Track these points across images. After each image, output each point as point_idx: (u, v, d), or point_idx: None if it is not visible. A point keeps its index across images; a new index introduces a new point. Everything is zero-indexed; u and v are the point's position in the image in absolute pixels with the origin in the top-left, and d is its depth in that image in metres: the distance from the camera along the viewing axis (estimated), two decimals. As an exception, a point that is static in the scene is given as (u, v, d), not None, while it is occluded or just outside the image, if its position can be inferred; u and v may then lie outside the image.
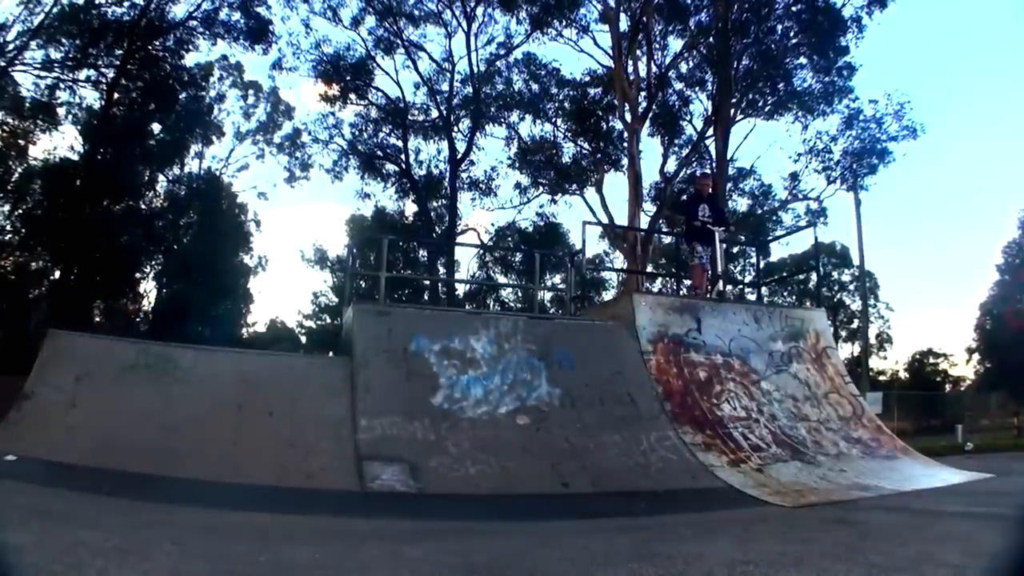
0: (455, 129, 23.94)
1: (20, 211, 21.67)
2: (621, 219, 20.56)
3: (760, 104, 21.21)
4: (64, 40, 19.14)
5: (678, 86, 22.19)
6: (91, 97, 20.94)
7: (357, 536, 3.79)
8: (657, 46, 21.12)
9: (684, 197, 9.54)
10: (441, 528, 4.24)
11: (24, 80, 19.32)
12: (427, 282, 25.13)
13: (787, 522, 4.30)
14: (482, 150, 26.01)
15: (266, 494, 4.79)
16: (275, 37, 21.79)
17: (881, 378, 36.16)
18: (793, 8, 19.83)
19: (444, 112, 23.61)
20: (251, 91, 26.99)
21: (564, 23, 22.05)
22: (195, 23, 20.57)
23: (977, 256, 65.78)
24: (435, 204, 25.35)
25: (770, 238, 20.59)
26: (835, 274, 36.94)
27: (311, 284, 71.86)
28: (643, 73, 20.64)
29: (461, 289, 27.04)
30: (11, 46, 18.34)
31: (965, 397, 29.66)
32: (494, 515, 4.80)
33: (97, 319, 22.80)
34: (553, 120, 23.67)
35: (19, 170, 21.63)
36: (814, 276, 18.03)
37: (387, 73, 23.62)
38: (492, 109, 23.69)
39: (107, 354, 6.04)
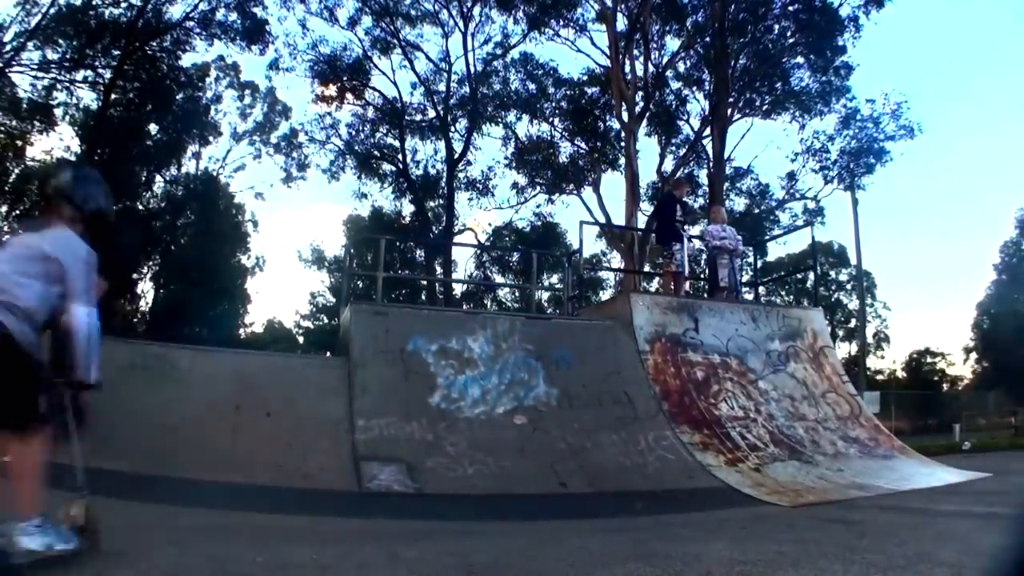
0: (452, 129, 23.96)
1: (17, 212, 21.60)
2: (618, 219, 20.58)
3: (757, 103, 21.28)
4: (61, 41, 19.12)
5: (675, 85, 22.29)
6: (88, 98, 20.93)
7: (355, 536, 3.79)
8: (654, 46, 21.16)
9: (660, 198, 9.73)
10: (439, 528, 4.23)
11: (21, 81, 19.29)
12: (424, 282, 25.13)
13: (785, 522, 4.31)
14: (479, 150, 25.96)
15: (264, 494, 4.79)
16: (272, 37, 21.82)
17: (879, 377, 36.23)
18: (790, 8, 19.89)
19: (441, 112, 23.61)
20: (248, 91, 26.97)
21: (561, 23, 22.08)
22: (192, 24, 20.56)
23: (975, 255, 65.90)
24: (432, 204, 25.36)
25: (767, 238, 20.65)
26: (832, 273, 36.96)
27: (308, 284, 71.68)
28: (640, 73, 20.66)
29: (458, 289, 27.04)
30: (8, 47, 18.30)
31: (962, 396, 29.75)
32: (492, 515, 4.80)
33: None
34: (550, 120, 23.69)
35: (16, 171, 21.57)
36: (811, 275, 18.05)
37: (384, 73, 23.64)
38: (489, 109, 23.67)
39: (104, 355, 6.00)
